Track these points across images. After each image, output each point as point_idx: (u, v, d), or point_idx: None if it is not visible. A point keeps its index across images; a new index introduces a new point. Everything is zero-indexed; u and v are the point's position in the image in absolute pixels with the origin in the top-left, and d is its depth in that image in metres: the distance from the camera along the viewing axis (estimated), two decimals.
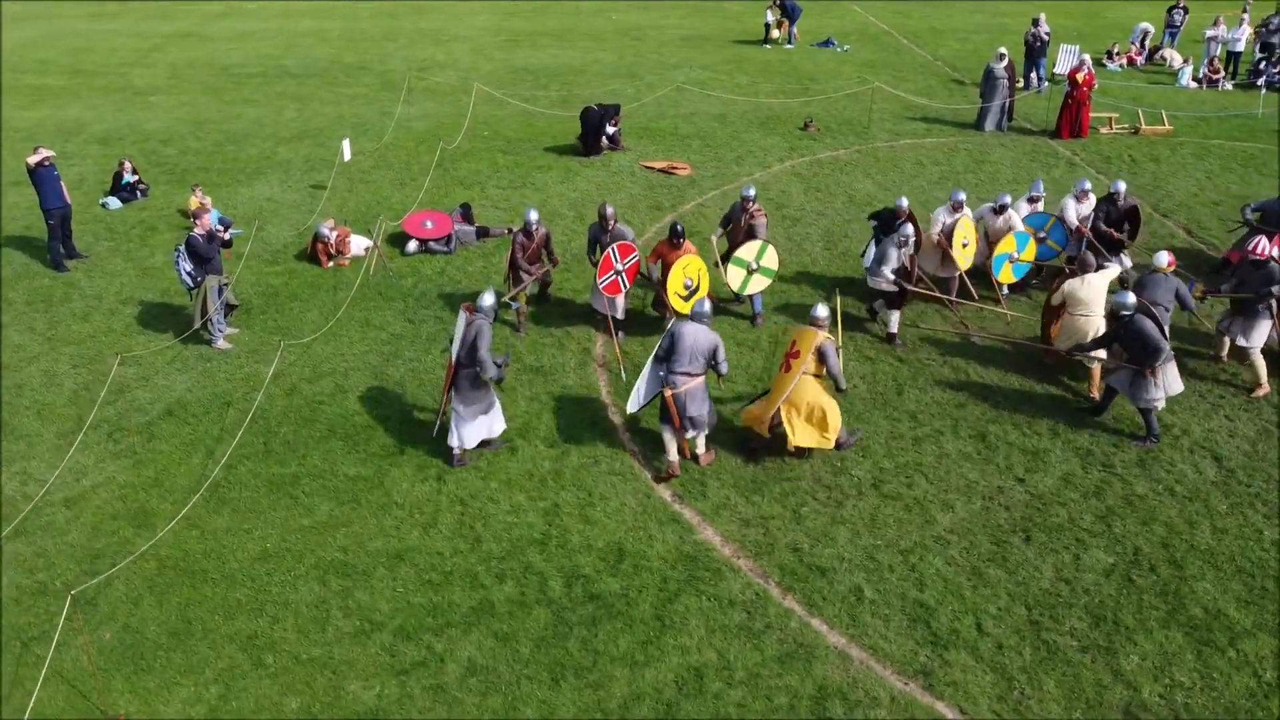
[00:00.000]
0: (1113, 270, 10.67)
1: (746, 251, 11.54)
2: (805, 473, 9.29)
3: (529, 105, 21.89)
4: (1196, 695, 6.93)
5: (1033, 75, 22.72)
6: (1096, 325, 10.13)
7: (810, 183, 17.25)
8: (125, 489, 9.15)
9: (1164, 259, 10.32)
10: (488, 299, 9.23)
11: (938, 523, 8.62)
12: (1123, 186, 12.33)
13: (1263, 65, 23.57)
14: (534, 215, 11.55)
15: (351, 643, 7.44)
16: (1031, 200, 12.35)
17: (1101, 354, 10.00)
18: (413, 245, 14.23)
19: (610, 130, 18.61)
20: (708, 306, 9.24)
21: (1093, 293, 10.14)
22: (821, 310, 9.32)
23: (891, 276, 11.07)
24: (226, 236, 11.60)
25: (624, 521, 8.67)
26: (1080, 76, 18.99)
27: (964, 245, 11.89)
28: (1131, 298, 9.50)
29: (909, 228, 11.26)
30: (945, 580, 7.96)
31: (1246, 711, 6.80)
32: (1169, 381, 9.49)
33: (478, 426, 9.24)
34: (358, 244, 14.16)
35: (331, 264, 13.81)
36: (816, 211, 15.84)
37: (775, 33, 29.02)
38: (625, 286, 11.16)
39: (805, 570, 8.07)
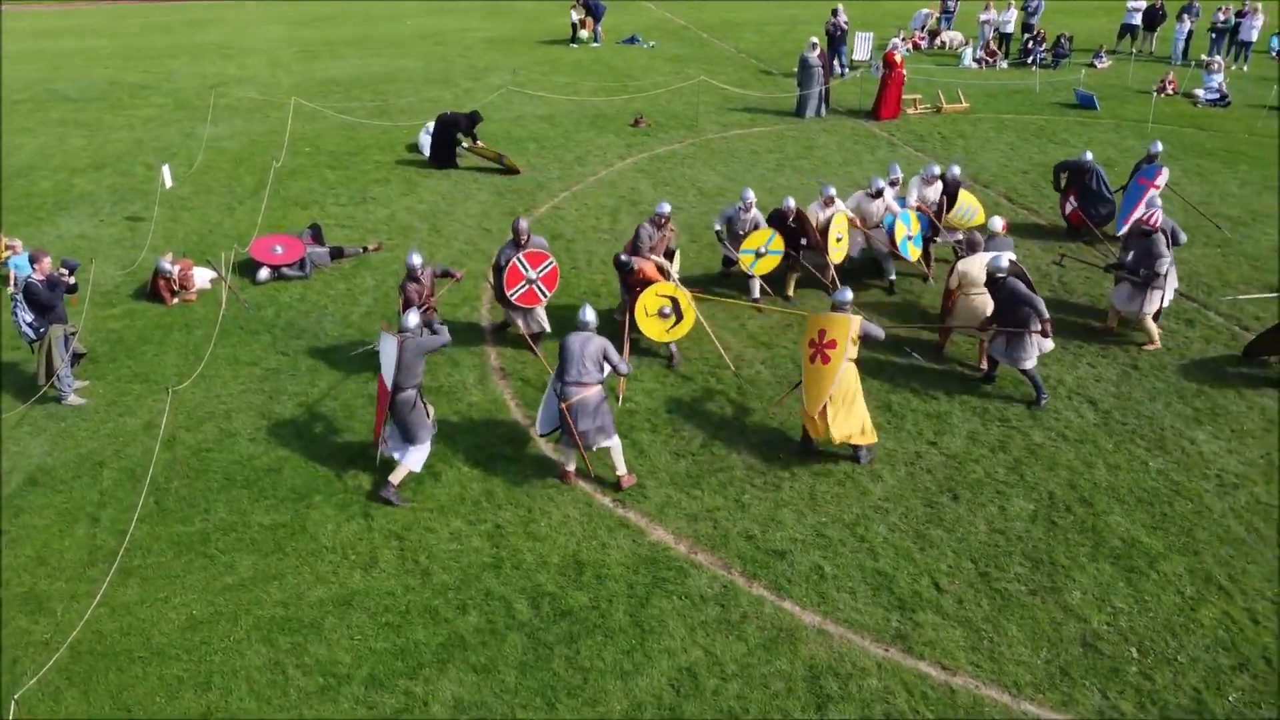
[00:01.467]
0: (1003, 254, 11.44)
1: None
2: (736, 461, 9.43)
3: (347, 117, 21.00)
4: (1136, 618, 7.57)
5: (835, 63, 23.96)
6: (988, 301, 10.68)
7: (656, 178, 17.47)
8: (6, 574, 8.10)
9: (998, 224, 11.18)
10: (412, 319, 8.86)
11: (872, 493, 8.97)
12: (957, 170, 13.37)
13: (1030, 45, 25.88)
14: (417, 259, 10.43)
15: (320, 701, 6.92)
16: (893, 184, 13.02)
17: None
18: (264, 273, 13.34)
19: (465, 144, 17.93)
20: (589, 315, 9.01)
21: (984, 272, 10.79)
22: (848, 294, 9.30)
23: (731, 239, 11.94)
24: (71, 281, 10.44)
25: (573, 533, 8.51)
26: (898, 58, 20.22)
27: (838, 240, 12.38)
28: (1004, 260, 10.08)
29: (749, 194, 12.08)
30: (894, 546, 8.31)
31: (1180, 625, 7.50)
32: (1041, 340, 10.14)
33: (405, 451, 8.91)
34: (202, 276, 13.13)
35: (177, 300, 12.74)
36: (673, 206, 16.02)
37: (582, 32, 29.15)
38: (544, 296, 10.92)
39: (764, 556, 8.21)
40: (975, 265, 10.79)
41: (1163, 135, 19.54)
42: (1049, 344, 10.22)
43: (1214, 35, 25.83)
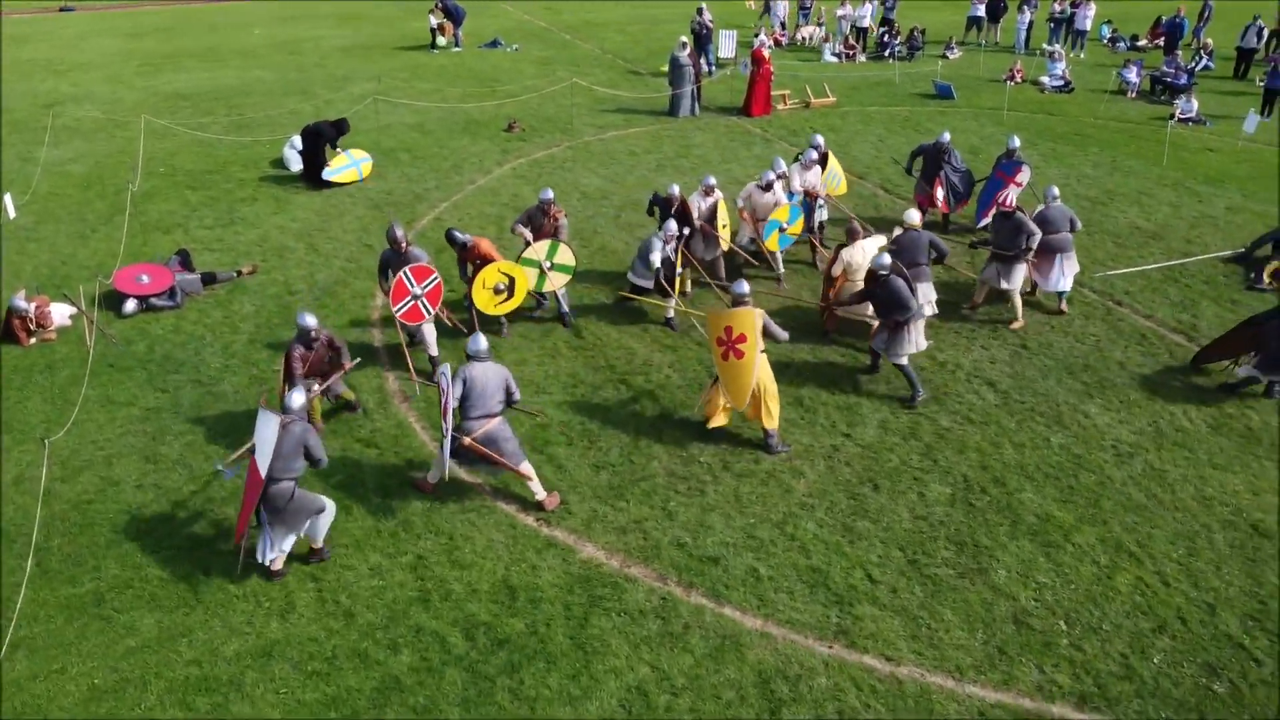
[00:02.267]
0: (879, 238, 11.69)
1: (536, 251, 11.41)
2: (657, 469, 9.32)
3: (202, 133, 19.88)
4: (1059, 591, 7.84)
5: (701, 61, 24.16)
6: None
7: (538, 183, 17.17)
8: None
9: (914, 216, 11.45)
10: (297, 399, 7.80)
11: (795, 490, 9.01)
12: (820, 139, 13.97)
13: (885, 39, 26.77)
14: (311, 320, 9.31)
15: None
16: (780, 176, 13.14)
17: (869, 310, 10.83)
18: (131, 305, 12.44)
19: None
20: (483, 343, 8.60)
21: (866, 258, 11.04)
22: (745, 286, 9.45)
23: (650, 270, 11.46)
24: None
25: (500, 558, 8.22)
26: (766, 54, 20.52)
27: (723, 226, 12.47)
28: (887, 259, 10.29)
29: (671, 225, 11.60)
30: (824, 542, 8.36)
31: (1100, 594, 7.81)
32: (917, 337, 10.26)
33: (288, 542, 7.94)
34: (60, 313, 12.13)
35: (34, 340, 11.74)
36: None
37: (441, 38, 28.51)
38: (428, 313, 10.50)
39: (698, 563, 8.12)
40: (858, 253, 11.05)
41: (1017, 121, 20.53)
42: (925, 342, 10.40)
43: (1052, 25, 27.33)
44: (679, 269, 11.78)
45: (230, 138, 19.70)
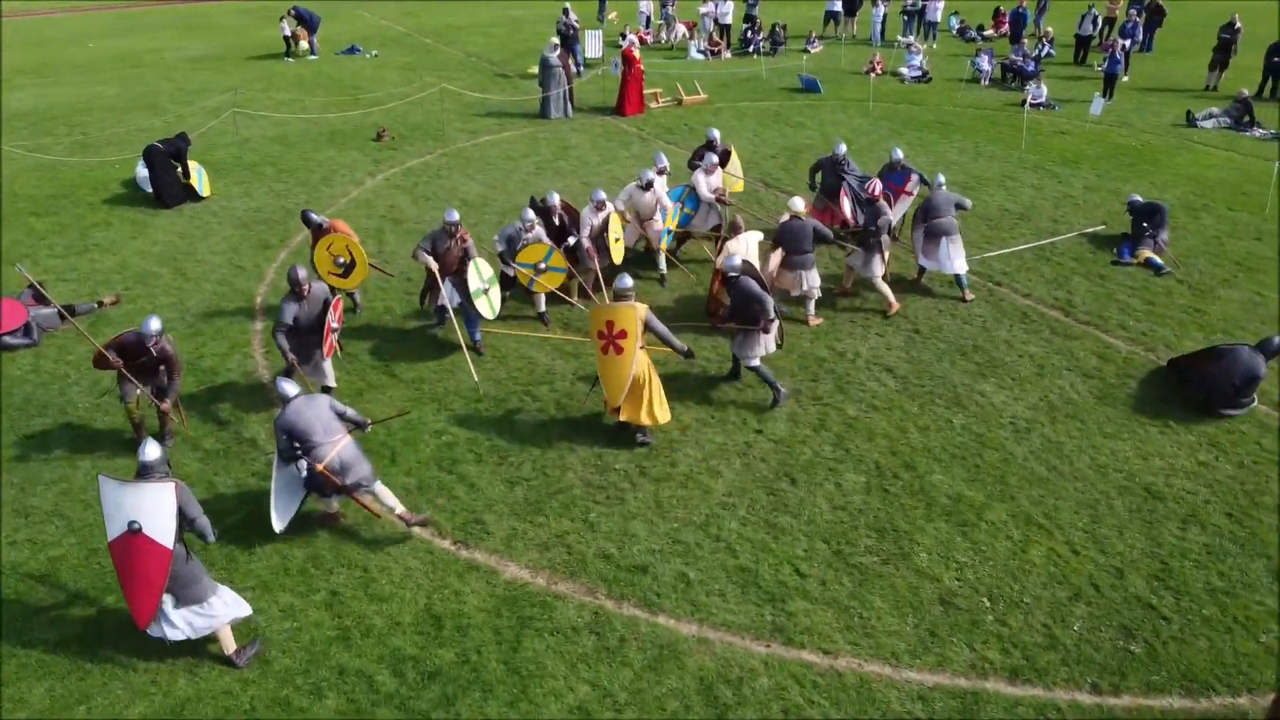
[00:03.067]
0: (757, 233, 11.82)
1: (477, 279, 10.94)
2: (573, 480, 9.13)
3: (42, 155, 18.53)
4: (979, 568, 8.04)
5: (570, 62, 23.99)
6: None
7: (414, 193, 16.72)
8: None
9: (799, 204, 11.58)
10: (153, 452, 6.93)
11: (715, 490, 8.97)
12: (716, 133, 13.91)
13: (749, 34, 27.20)
14: (155, 324, 9.01)
15: None
16: (661, 172, 13.10)
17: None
18: None
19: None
20: (287, 387, 8.01)
21: (749, 246, 11.17)
22: (628, 281, 9.33)
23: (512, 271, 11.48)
24: None
25: (420, 586, 7.87)
26: (636, 54, 20.49)
27: (615, 240, 12.36)
28: (737, 260, 10.03)
29: (529, 213, 11.49)
30: (749, 540, 8.34)
31: (1017, 568, 8.04)
32: (768, 340, 10.07)
33: (200, 614, 7.05)
34: None
35: None
36: (436, 221, 15.31)
37: (301, 44, 27.45)
38: (338, 349, 10.00)
39: (626, 574, 7.97)
40: (742, 245, 11.18)
41: (882, 112, 21.15)
42: (773, 344, 10.24)
43: (905, 18, 28.33)
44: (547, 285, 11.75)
45: (75, 159, 18.47)
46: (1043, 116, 20.90)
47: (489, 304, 10.99)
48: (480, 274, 10.95)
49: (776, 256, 11.54)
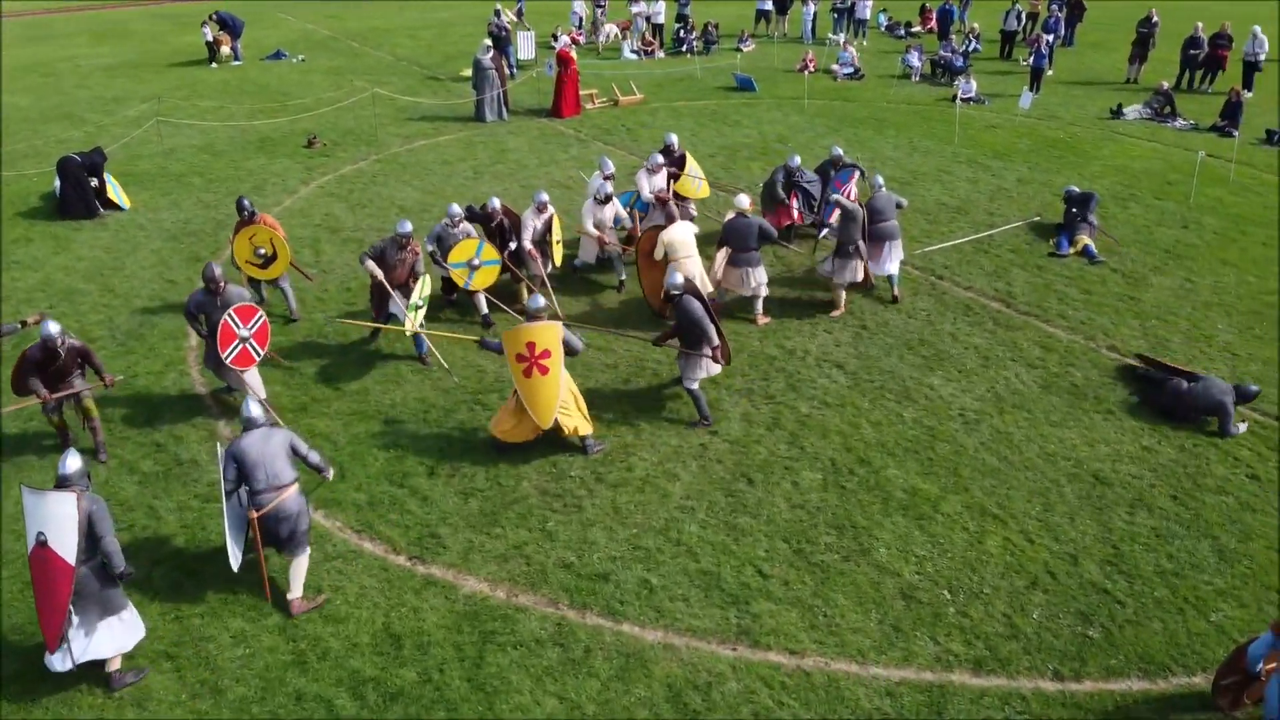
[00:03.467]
0: (691, 225, 11.85)
1: (416, 293, 10.72)
2: (528, 489, 8.98)
3: None
4: (938, 561, 8.10)
5: (503, 64, 23.75)
6: (698, 264, 11.29)
7: (350, 200, 16.37)
8: None
9: (744, 201, 11.57)
10: (73, 464, 6.69)
11: (673, 494, 8.90)
12: (674, 137, 13.72)
13: (682, 34, 27.23)
14: (52, 326, 8.81)
15: None
16: (609, 177, 13.00)
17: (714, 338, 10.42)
18: None
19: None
20: (254, 409, 7.70)
21: (686, 235, 11.30)
22: (540, 301, 9.19)
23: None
24: None
25: (377, 605, 7.66)
26: (572, 55, 20.35)
27: (557, 241, 12.26)
28: (679, 277, 9.60)
29: (455, 208, 11.46)
30: (710, 543, 8.29)
31: (975, 559, 8.12)
32: (709, 364, 9.72)
33: (104, 635, 6.74)
34: None
35: None
36: (374, 229, 15.06)
37: (224, 49, 26.74)
38: (258, 355, 9.68)
39: (587, 582, 7.86)
40: (678, 233, 11.19)
41: (817, 110, 21.34)
42: (717, 368, 9.85)
43: (835, 15, 28.63)
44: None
45: None
46: (974, 111, 21.27)
47: (413, 321, 10.71)
48: (422, 290, 10.76)
49: (722, 255, 11.53)
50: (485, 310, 11.81)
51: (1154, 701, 6.83)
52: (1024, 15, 26.87)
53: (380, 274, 10.62)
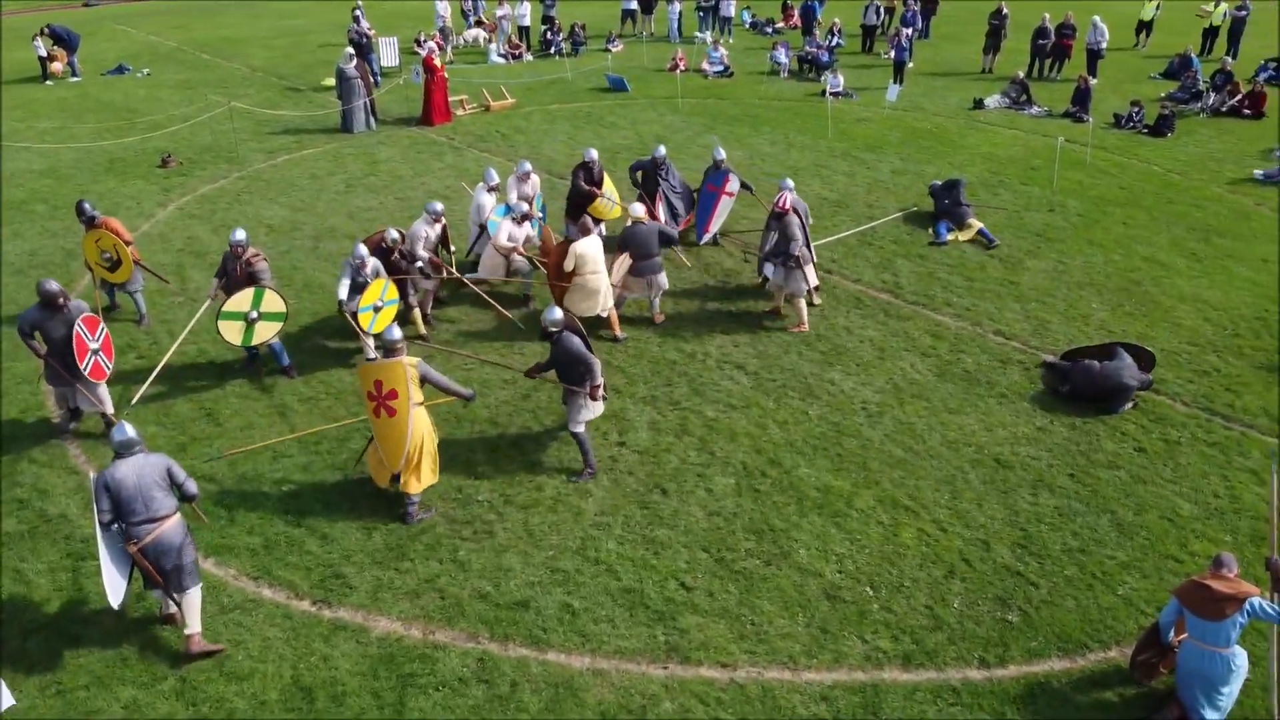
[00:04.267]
0: (597, 239, 11.60)
1: (238, 303, 10.10)
2: (435, 517, 8.59)
3: None
4: (857, 557, 8.11)
5: (367, 72, 22.94)
6: (603, 279, 11.06)
7: (213, 221, 15.47)
8: None
9: (639, 209, 11.41)
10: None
11: (586, 512, 8.65)
12: (594, 154, 13.40)
13: (549, 36, 26.92)
14: None
15: None
16: (492, 189, 12.64)
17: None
18: None
19: None
20: (130, 432, 7.11)
21: (597, 250, 10.98)
22: (396, 333, 8.46)
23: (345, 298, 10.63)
24: None
25: (284, 656, 7.16)
26: (438, 62, 19.79)
27: (453, 251, 11.93)
28: (558, 313, 9.02)
29: (361, 248, 10.73)
30: (629, 559, 8.08)
31: (892, 552, 8.17)
32: (592, 404, 9.08)
33: None
34: None
35: None
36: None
37: (56, 64, 24.99)
38: (108, 368, 9.12)
39: (507, 612, 7.54)
40: (592, 245, 10.94)
41: (691, 109, 21.40)
42: (600, 407, 9.25)
43: (701, 14, 28.82)
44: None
45: None
46: (843, 105, 21.70)
47: (245, 334, 10.21)
48: (251, 301, 10.14)
49: (623, 262, 11.34)
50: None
51: (1075, 680, 6.98)
52: (882, 10, 27.64)
53: (219, 291, 10.61)
